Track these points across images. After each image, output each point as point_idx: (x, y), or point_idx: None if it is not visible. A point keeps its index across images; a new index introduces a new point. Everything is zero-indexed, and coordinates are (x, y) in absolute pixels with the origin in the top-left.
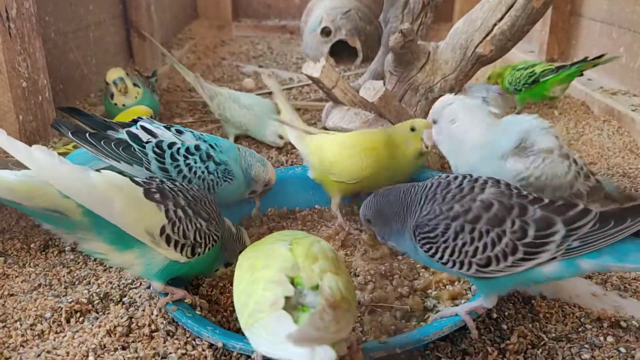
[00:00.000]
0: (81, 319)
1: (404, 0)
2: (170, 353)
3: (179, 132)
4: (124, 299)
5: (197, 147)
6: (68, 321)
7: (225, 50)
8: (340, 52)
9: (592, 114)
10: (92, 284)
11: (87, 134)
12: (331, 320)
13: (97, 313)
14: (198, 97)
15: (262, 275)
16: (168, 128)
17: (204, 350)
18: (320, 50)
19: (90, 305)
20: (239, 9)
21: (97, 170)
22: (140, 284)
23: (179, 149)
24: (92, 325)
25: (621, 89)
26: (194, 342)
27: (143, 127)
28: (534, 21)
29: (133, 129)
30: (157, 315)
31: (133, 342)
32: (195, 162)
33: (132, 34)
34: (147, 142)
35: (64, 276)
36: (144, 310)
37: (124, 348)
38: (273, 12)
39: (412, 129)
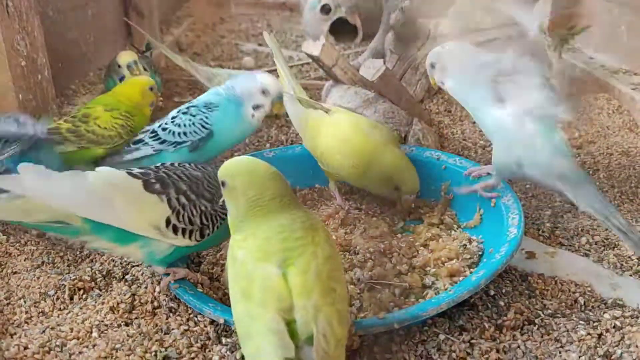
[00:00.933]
0: (84, 296)
1: None
2: (172, 329)
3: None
4: (126, 277)
5: (177, 110)
6: (71, 298)
7: (225, 28)
8: (340, 30)
9: (592, 93)
10: (95, 262)
11: None
12: None
13: (100, 290)
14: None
15: (261, 316)
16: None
17: (205, 326)
18: (319, 28)
19: (93, 283)
20: None
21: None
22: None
23: (165, 122)
24: (96, 302)
25: (622, 68)
26: (196, 319)
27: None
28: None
29: (135, 139)
30: (159, 293)
31: (136, 318)
32: (180, 119)
33: (131, 11)
34: (144, 136)
35: (66, 254)
36: (146, 288)
37: (127, 324)
38: None
39: (396, 188)
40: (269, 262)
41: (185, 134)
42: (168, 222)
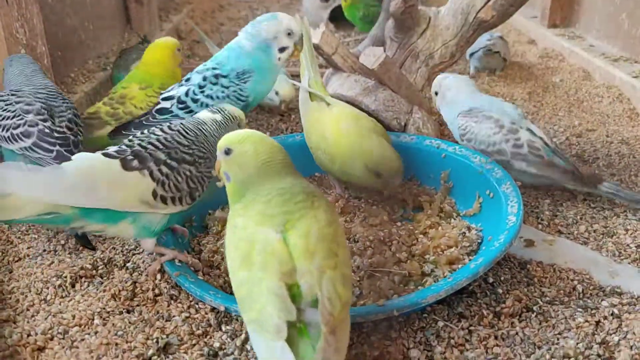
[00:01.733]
0: (86, 283)
1: None
2: (174, 316)
3: (187, 79)
4: (127, 264)
5: (204, 78)
6: (73, 286)
7: (224, 16)
8: (340, 17)
9: (593, 81)
10: (96, 250)
11: (132, 127)
12: (336, 352)
13: (102, 278)
14: (196, 64)
15: (263, 280)
16: (180, 84)
17: (206, 313)
18: (319, 16)
19: (94, 271)
20: None
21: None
22: (143, 249)
23: (193, 90)
24: (97, 290)
25: (623, 56)
26: (197, 306)
27: (163, 99)
28: None
29: (157, 106)
30: (160, 280)
31: (137, 305)
32: (211, 89)
33: None
34: (171, 106)
35: (67, 242)
36: (147, 275)
37: (128, 311)
38: None
39: (378, 175)
40: (269, 226)
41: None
42: (155, 194)
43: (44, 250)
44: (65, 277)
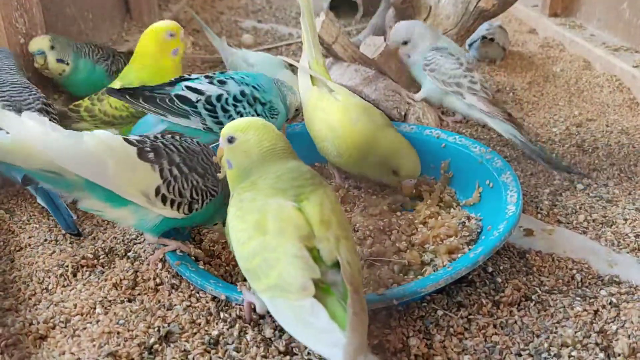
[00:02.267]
0: (87, 273)
1: None
2: (175, 305)
3: (222, 82)
4: (128, 254)
5: (242, 93)
6: (75, 275)
7: (224, 5)
8: (341, 6)
9: (594, 71)
10: (97, 239)
11: (141, 98)
12: (362, 310)
13: (103, 267)
14: (196, 54)
15: (280, 244)
16: (211, 80)
17: (207, 302)
18: (319, 5)
19: (96, 260)
20: None
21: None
22: (144, 239)
23: (227, 99)
24: (99, 279)
25: (623, 45)
26: (197, 295)
27: (189, 87)
28: None
29: (181, 92)
30: (161, 270)
31: (139, 294)
32: (244, 108)
33: None
34: (197, 102)
35: None
36: (148, 265)
37: (130, 300)
38: None
39: (395, 173)
40: (282, 197)
41: None
42: (158, 191)
43: (46, 240)
44: (67, 266)
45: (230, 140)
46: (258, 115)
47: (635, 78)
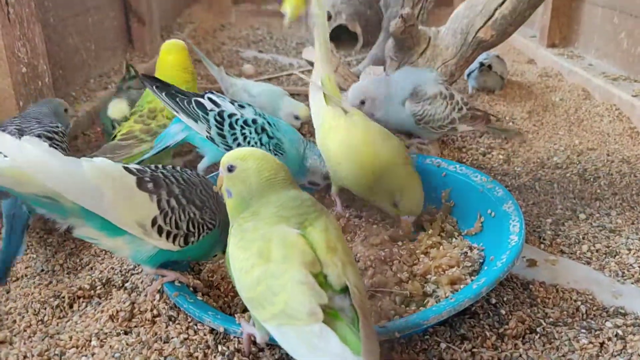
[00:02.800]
0: (84, 304)
1: None
2: (172, 337)
3: (241, 106)
4: (126, 285)
5: (254, 121)
6: (71, 306)
7: (225, 35)
8: (341, 36)
9: (593, 100)
10: (94, 270)
11: (164, 92)
12: (374, 335)
13: (100, 298)
14: (197, 83)
15: (285, 271)
16: (232, 102)
17: (205, 335)
18: None
19: (92, 291)
20: None
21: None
22: (142, 269)
23: (237, 119)
24: (95, 311)
25: (622, 75)
26: (195, 327)
27: (210, 99)
28: (536, 5)
29: (200, 99)
30: (159, 301)
31: (135, 327)
32: (250, 133)
33: (132, 18)
34: (210, 110)
35: (66, 262)
36: (146, 296)
37: (126, 333)
38: None
39: (394, 205)
40: (285, 224)
41: None
42: (154, 222)
43: (42, 270)
44: (63, 297)
45: (230, 169)
46: (262, 145)
47: (634, 107)
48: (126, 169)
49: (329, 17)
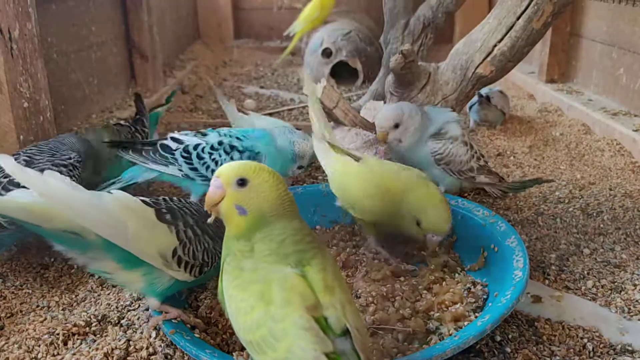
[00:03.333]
0: (79, 341)
1: (404, 21)
2: None
3: (203, 134)
4: (122, 321)
5: (220, 142)
6: (65, 344)
7: (227, 71)
8: (341, 73)
9: (593, 135)
10: (90, 306)
11: (130, 151)
12: None
13: (95, 335)
14: (199, 118)
15: (287, 315)
16: (195, 134)
17: None
18: (321, 71)
19: (88, 328)
20: (240, 30)
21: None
22: (139, 305)
23: (203, 148)
24: (90, 348)
25: (622, 110)
26: None
27: (173, 138)
28: (534, 42)
29: (164, 141)
30: (155, 338)
31: None
32: (220, 156)
33: (134, 54)
34: (175, 150)
35: (61, 298)
36: (142, 333)
37: None
38: (275, 33)
39: (418, 224)
40: (284, 264)
41: None
42: (174, 252)
43: (38, 306)
44: (58, 334)
45: (242, 183)
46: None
47: (635, 142)
48: (143, 201)
49: (330, 54)
